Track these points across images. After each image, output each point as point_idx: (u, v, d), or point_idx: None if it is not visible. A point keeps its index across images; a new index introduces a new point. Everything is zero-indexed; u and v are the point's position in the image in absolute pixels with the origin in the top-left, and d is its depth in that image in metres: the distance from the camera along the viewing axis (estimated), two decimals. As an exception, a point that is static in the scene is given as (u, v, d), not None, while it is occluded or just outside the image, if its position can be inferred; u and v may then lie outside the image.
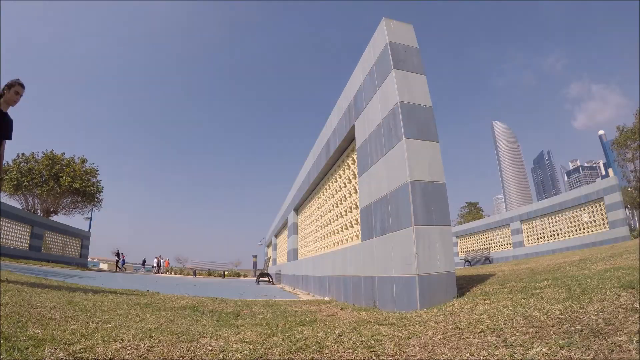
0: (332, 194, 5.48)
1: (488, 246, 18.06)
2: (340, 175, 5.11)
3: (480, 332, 1.36)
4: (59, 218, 21.70)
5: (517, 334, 1.27)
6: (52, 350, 1.12)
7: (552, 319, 1.36)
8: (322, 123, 5.98)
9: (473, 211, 42.64)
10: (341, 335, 1.54)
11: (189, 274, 19.51)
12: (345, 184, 4.80)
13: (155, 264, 27.41)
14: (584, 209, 12.78)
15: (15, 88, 3.13)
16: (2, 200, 14.98)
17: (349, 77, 4.39)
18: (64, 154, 20.45)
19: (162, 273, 20.11)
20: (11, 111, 3.19)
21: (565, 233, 13.51)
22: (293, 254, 8.97)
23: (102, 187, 22.20)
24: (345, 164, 4.82)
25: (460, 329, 1.48)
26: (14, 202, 19.12)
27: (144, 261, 31.75)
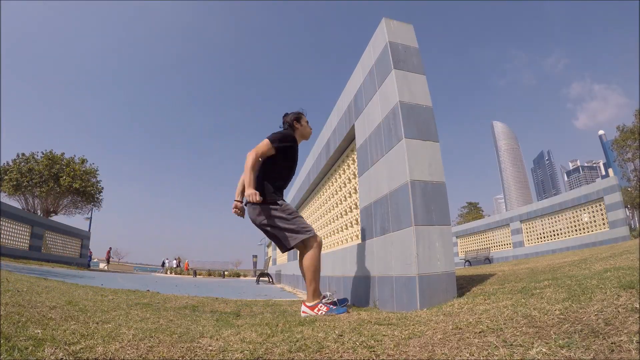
0: (332, 194, 5.48)
1: (488, 246, 18.07)
2: (340, 175, 5.11)
3: (480, 332, 1.36)
4: (59, 218, 21.71)
5: (517, 334, 1.27)
6: (52, 350, 1.12)
7: (552, 319, 1.36)
8: (322, 123, 5.98)
9: (473, 211, 42.72)
10: (341, 335, 1.54)
11: (189, 274, 19.51)
12: (345, 184, 4.80)
13: (175, 265, 27.62)
14: (584, 209, 12.79)
15: (305, 119, 2.90)
16: (2, 200, 14.98)
17: (349, 77, 4.40)
18: (64, 154, 20.46)
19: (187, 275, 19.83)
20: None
21: (565, 233, 13.51)
22: (293, 254, 8.97)
23: (102, 187, 22.21)
24: (345, 164, 4.82)
25: (460, 329, 1.48)
26: (14, 202, 19.12)
27: (164, 262, 32.03)
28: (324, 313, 2.36)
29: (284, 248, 2.62)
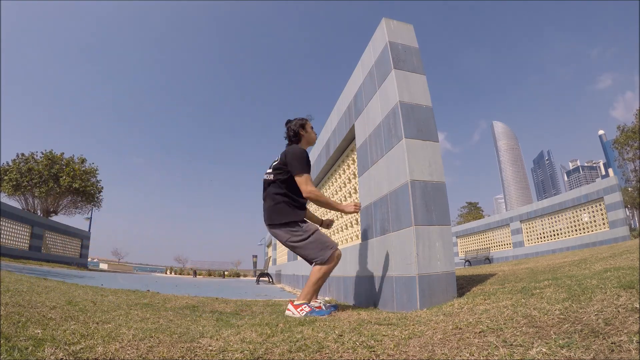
0: (332, 194, 5.48)
1: (488, 246, 18.06)
2: (340, 175, 5.12)
3: (480, 332, 1.36)
4: (59, 218, 21.72)
5: (517, 334, 1.27)
6: (52, 350, 1.12)
7: (552, 319, 1.36)
8: (322, 123, 5.99)
9: (473, 211, 42.75)
10: (341, 335, 1.54)
11: (189, 274, 19.50)
12: (345, 184, 4.80)
13: None
14: (584, 209, 12.78)
15: (310, 125, 2.83)
16: (2, 200, 14.98)
17: (348, 77, 4.40)
18: (63, 153, 20.45)
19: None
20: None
21: (565, 233, 13.51)
22: (293, 254, 8.97)
23: (102, 187, 22.21)
24: (345, 164, 4.82)
25: (460, 328, 1.48)
26: (13, 202, 19.12)
27: None
28: (305, 313, 2.35)
29: (310, 263, 2.64)
